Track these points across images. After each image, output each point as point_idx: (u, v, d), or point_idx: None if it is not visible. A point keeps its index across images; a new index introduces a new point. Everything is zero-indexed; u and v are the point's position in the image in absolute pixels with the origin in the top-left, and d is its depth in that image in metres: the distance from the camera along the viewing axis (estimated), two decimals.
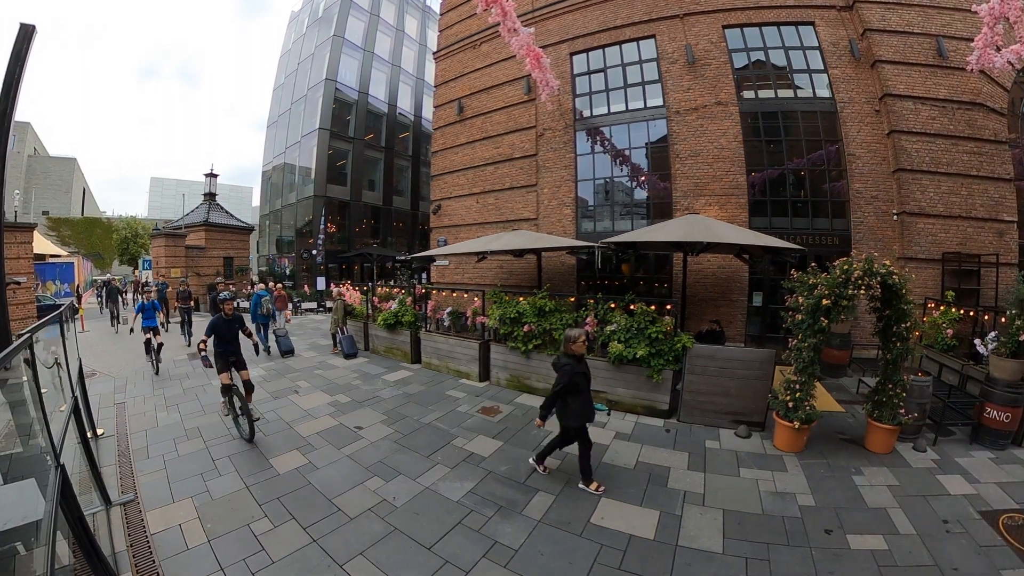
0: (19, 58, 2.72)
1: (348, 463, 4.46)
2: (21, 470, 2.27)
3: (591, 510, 3.64)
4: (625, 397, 5.88)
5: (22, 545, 1.86)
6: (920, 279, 8.07)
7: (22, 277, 9.13)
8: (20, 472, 2.24)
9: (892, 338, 4.70)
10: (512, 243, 8.13)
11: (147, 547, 3.10)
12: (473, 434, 5.18)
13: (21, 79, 2.73)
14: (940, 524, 3.38)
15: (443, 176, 14.13)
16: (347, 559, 3.03)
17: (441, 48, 14.78)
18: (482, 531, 3.38)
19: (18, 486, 2.06)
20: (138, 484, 3.97)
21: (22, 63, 2.72)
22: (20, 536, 1.87)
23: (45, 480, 2.03)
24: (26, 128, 39.47)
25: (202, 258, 18.19)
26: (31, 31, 2.75)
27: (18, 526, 1.88)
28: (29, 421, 2.27)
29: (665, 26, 10.41)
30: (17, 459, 2.33)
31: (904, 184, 8.63)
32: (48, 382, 3.04)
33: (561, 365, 3.91)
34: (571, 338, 3.94)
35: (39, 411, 2.14)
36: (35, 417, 2.19)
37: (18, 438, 2.32)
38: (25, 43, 2.72)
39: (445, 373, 7.79)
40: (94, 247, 31.89)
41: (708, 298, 9.56)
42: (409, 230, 27.90)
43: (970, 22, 8.44)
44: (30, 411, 2.22)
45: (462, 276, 13.18)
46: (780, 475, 4.20)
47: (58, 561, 2.28)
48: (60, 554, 2.31)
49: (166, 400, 6.38)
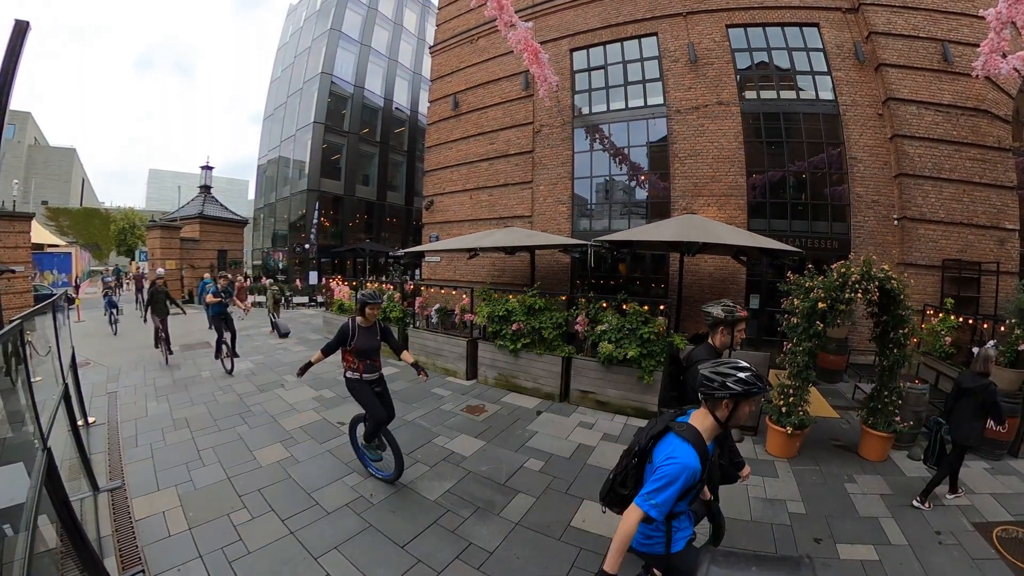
0: (13, 54, 2.79)
1: (329, 458, 4.38)
2: (11, 455, 2.29)
3: (572, 513, 3.52)
4: (615, 398, 5.76)
5: (10, 527, 1.89)
6: (919, 285, 7.95)
7: (19, 266, 9.04)
8: (9, 457, 2.27)
9: (889, 344, 4.61)
10: (504, 240, 8.02)
11: (131, 533, 3.15)
12: (456, 433, 5.05)
13: (15, 74, 2.81)
14: (933, 535, 3.29)
15: (437, 172, 14.00)
16: (322, 552, 3.01)
17: (438, 42, 14.64)
18: (457, 532, 3.27)
19: (6, 470, 2.10)
20: (126, 472, 4.01)
21: (16, 59, 2.80)
22: (8, 519, 1.90)
23: (33, 465, 2.08)
24: (26, 117, 39.35)
25: (196, 251, 18.08)
26: (25, 27, 2.82)
27: (5, 508, 1.94)
28: (20, 408, 2.32)
29: (668, 24, 10.29)
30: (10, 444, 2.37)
31: (906, 189, 8.52)
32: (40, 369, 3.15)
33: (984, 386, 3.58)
34: (987, 357, 3.69)
35: (28, 396, 2.20)
36: (25, 404, 2.24)
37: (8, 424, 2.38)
38: (19, 39, 2.78)
39: (432, 370, 7.65)
40: (92, 238, 31.77)
41: (704, 299, 9.36)
42: (403, 226, 27.74)
43: (976, 27, 8.33)
44: (20, 397, 2.28)
45: (454, 273, 13.05)
46: (771, 481, 4.08)
47: (44, 544, 2.34)
48: (47, 538, 2.36)
49: (156, 391, 6.38)
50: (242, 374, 7.29)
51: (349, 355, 3.81)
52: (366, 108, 25.38)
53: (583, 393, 6.00)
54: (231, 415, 5.46)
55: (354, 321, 3.81)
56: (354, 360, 3.80)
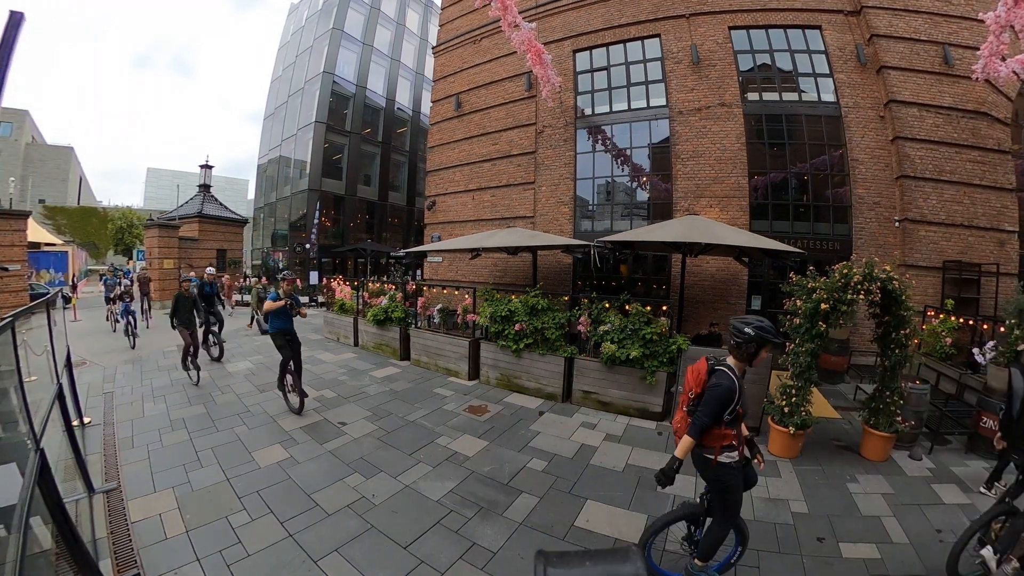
0: (7, 46, 2.74)
1: (329, 459, 4.36)
2: (3, 455, 2.28)
3: (575, 513, 3.51)
4: (617, 398, 5.75)
5: (3, 529, 1.86)
6: (920, 287, 7.97)
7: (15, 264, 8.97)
8: (1, 457, 2.26)
9: (891, 345, 4.62)
10: (506, 240, 8.01)
11: (127, 535, 3.10)
12: (458, 433, 5.04)
13: (8, 66, 2.76)
14: (934, 534, 3.31)
15: (439, 172, 13.99)
16: (322, 555, 2.97)
17: (441, 43, 14.65)
18: (460, 532, 3.25)
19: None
20: (122, 473, 3.97)
21: (9, 50, 2.74)
22: (1, 520, 1.88)
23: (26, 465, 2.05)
24: (24, 115, 39.15)
25: (195, 250, 18.00)
26: (19, 18, 2.76)
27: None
28: (12, 408, 2.30)
29: (671, 25, 10.31)
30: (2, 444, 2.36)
31: (907, 191, 8.54)
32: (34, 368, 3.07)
33: None
34: None
35: (20, 396, 2.17)
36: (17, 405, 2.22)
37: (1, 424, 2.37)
38: (12, 31, 2.73)
39: (434, 371, 7.65)
40: (89, 237, 31.65)
41: (706, 300, 9.45)
42: (404, 226, 27.73)
43: (976, 30, 8.36)
44: (12, 398, 2.25)
45: (456, 273, 13.03)
46: (774, 481, 4.08)
47: (38, 546, 2.31)
48: (40, 540, 2.33)
49: (153, 391, 6.32)
50: (241, 374, 7.27)
51: None
52: (368, 108, 25.37)
53: (585, 393, 6.00)
54: (230, 415, 5.43)
55: None
56: None
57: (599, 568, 1.22)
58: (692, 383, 2.50)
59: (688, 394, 2.51)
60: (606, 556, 1.28)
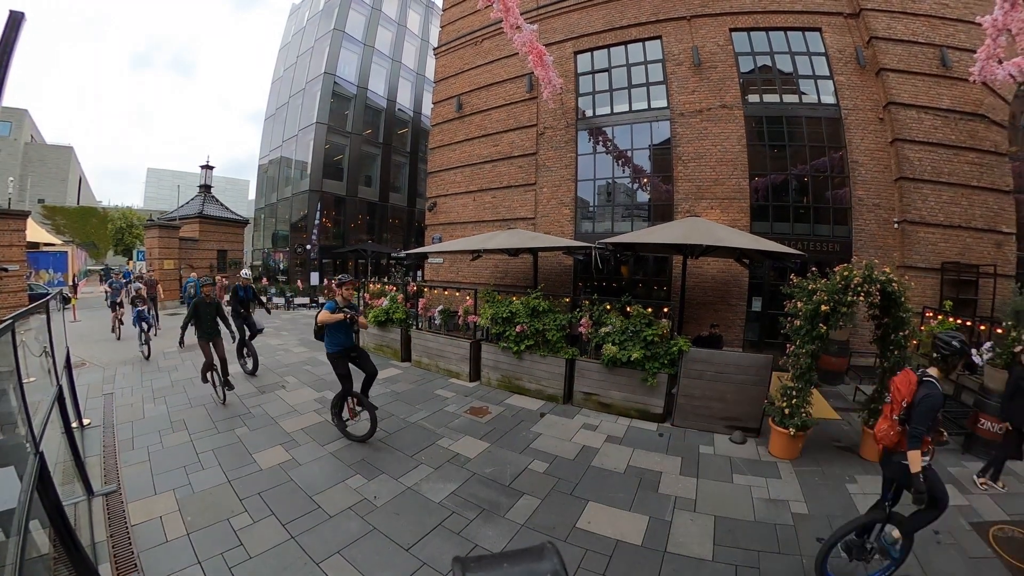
0: (7, 45, 2.75)
1: (331, 460, 4.37)
2: (2, 458, 2.27)
3: (577, 514, 3.53)
4: (618, 400, 5.77)
5: (1, 532, 1.86)
6: (919, 288, 7.99)
7: (14, 265, 8.98)
8: (1, 460, 2.24)
9: (890, 346, 4.64)
10: (507, 242, 8.02)
11: (127, 538, 3.08)
12: (460, 435, 5.06)
13: (9, 65, 2.76)
14: (931, 535, 3.31)
15: (440, 173, 14.00)
16: (324, 557, 2.98)
17: (442, 44, 14.67)
18: (462, 534, 3.27)
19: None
20: (121, 475, 3.94)
21: (9, 50, 2.75)
22: None
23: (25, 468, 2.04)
24: (23, 115, 39.08)
25: (196, 250, 18.01)
26: (19, 18, 2.77)
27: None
28: (11, 409, 2.28)
29: (672, 27, 10.34)
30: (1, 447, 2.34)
31: (906, 193, 8.58)
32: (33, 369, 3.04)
33: None
34: None
35: (19, 398, 2.15)
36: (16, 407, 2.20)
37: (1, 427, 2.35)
38: (13, 30, 2.74)
39: (435, 372, 7.66)
40: (89, 237, 31.58)
41: (707, 302, 9.47)
42: (405, 227, 27.72)
43: (974, 33, 8.39)
44: (11, 399, 2.23)
45: (456, 275, 13.04)
46: (774, 482, 4.11)
47: (37, 550, 2.29)
48: (39, 543, 2.31)
49: (154, 392, 6.30)
50: (239, 374, 7.25)
51: None
52: (369, 109, 25.37)
53: (586, 395, 6.02)
54: (231, 417, 5.42)
55: None
56: None
57: (517, 568, 1.23)
58: (905, 392, 2.70)
59: (901, 403, 2.72)
60: (523, 556, 1.30)
